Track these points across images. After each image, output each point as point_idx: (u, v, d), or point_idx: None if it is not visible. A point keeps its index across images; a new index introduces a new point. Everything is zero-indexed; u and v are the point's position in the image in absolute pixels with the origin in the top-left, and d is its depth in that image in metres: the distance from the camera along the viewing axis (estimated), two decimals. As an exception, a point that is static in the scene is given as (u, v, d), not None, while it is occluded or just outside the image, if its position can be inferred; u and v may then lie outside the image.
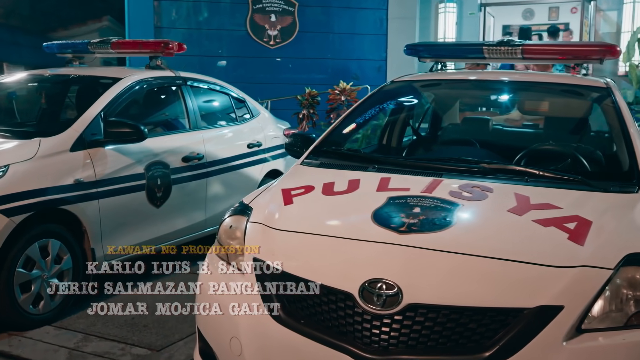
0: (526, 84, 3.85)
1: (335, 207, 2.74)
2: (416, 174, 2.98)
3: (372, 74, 11.23)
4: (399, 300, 2.16)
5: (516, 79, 3.99)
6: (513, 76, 4.12)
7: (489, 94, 4.20)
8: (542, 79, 3.89)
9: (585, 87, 3.61)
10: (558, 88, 3.72)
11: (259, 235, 2.64)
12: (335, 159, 3.33)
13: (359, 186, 2.86)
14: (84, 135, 4.32)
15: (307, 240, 2.52)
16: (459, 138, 4.00)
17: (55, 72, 5.33)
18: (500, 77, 4.06)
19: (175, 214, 5.06)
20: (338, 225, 2.57)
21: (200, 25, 10.97)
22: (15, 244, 3.79)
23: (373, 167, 3.10)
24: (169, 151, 4.97)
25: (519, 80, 3.93)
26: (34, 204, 3.89)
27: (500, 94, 4.14)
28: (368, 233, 2.43)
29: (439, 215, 2.50)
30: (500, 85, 3.97)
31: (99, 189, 4.32)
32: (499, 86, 3.98)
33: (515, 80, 3.95)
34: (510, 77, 4.00)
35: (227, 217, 2.91)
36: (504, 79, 3.98)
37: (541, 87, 3.79)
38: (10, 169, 3.84)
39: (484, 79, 4.04)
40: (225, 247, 2.77)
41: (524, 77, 4.04)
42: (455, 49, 4.44)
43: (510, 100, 4.18)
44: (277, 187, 3.02)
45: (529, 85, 3.84)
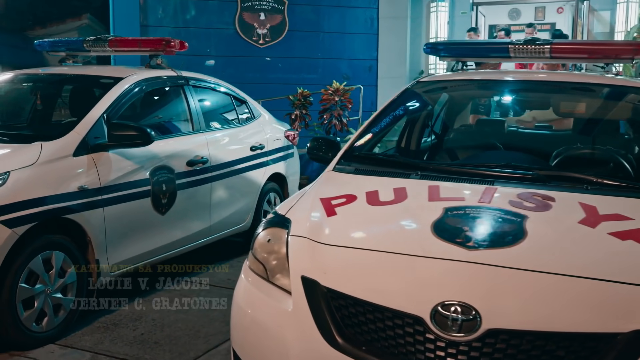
0: (565, 85, 3.65)
1: (387, 219, 2.51)
2: (465, 182, 2.78)
3: (363, 73, 11.05)
4: (478, 325, 1.95)
5: (553, 80, 3.80)
6: (549, 76, 3.94)
7: (523, 94, 4.00)
8: (582, 80, 3.71)
9: (629, 87, 3.43)
10: (602, 89, 3.54)
11: (304, 251, 2.40)
12: (370, 165, 3.10)
13: (407, 195, 2.63)
14: (87, 138, 4.04)
15: (363, 257, 2.29)
16: (484, 141, 3.80)
17: (50, 71, 5.04)
18: (535, 78, 3.87)
19: (180, 221, 4.80)
20: (395, 240, 2.34)
21: (187, 24, 10.67)
22: (17, 257, 3.51)
23: (416, 174, 2.87)
24: (173, 155, 4.71)
25: (557, 81, 3.74)
26: (37, 213, 3.60)
27: (535, 94, 3.94)
28: (432, 249, 2.21)
29: (506, 229, 2.30)
30: (536, 85, 3.77)
31: (103, 196, 4.05)
32: (535, 87, 3.79)
33: (553, 81, 3.76)
34: (546, 78, 3.81)
35: (263, 229, 2.67)
36: (541, 79, 3.80)
37: (582, 87, 3.60)
38: (11, 176, 3.55)
39: (518, 79, 3.84)
40: (264, 262, 2.52)
41: (560, 77, 3.85)
42: (478, 48, 4.23)
43: (545, 101, 3.99)
44: (314, 197, 2.78)
45: (567, 85, 3.65)
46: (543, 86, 3.77)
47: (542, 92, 3.83)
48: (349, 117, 10.14)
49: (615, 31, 10.31)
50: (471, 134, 3.95)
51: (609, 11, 10.44)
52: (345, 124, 10.01)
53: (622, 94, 3.49)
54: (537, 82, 3.79)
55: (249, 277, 2.58)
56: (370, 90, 10.83)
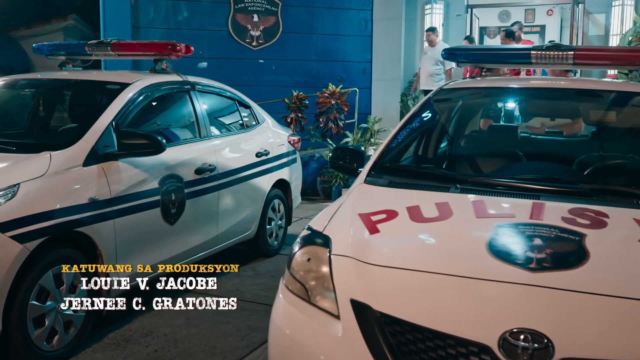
0: (596, 93, 3.56)
1: (436, 238, 2.40)
2: (508, 196, 2.66)
3: (357, 76, 10.93)
4: (550, 354, 1.84)
5: (584, 87, 3.71)
6: (577, 84, 3.84)
7: (552, 102, 3.90)
8: (614, 88, 3.61)
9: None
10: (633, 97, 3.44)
11: (350, 272, 2.28)
12: (404, 177, 2.98)
13: (452, 211, 2.52)
14: (96, 147, 3.88)
15: (416, 279, 2.17)
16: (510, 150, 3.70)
17: (53, 76, 4.84)
18: (564, 85, 3.77)
19: (189, 231, 4.66)
20: (450, 261, 2.22)
21: (180, 25, 10.47)
22: (28, 274, 3.34)
23: (455, 188, 2.76)
24: (182, 163, 4.56)
25: (588, 89, 3.65)
26: (49, 227, 3.43)
27: (564, 102, 3.84)
28: (491, 271, 2.09)
29: (567, 248, 2.19)
30: (566, 93, 3.67)
31: (114, 208, 3.89)
32: (565, 94, 3.69)
33: (583, 89, 3.66)
34: (575, 85, 3.72)
35: (300, 247, 2.53)
36: (570, 86, 3.70)
37: (614, 95, 3.51)
38: (21, 188, 3.38)
39: (546, 86, 3.75)
40: (304, 282, 2.39)
41: (590, 85, 3.76)
42: (498, 54, 4.13)
43: (575, 109, 3.89)
44: (351, 212, 2.66)
45: (598, 93, 3.55)
46: (572, 94, 3.68)
47: (572, 100, 3.74)
48: (345, 120, 10.03)
49: (610, 34, 10.30)
50: (493, 142, 3.84)
51: (604, 14, 10.42)
52: (342, 127, 9.89)
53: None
54: (566, 90, 3.69)
55: (287, 297, 2.45)
56: (365, 92, 10.72)
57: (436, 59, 9.89)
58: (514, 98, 3.97)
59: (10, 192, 3.33)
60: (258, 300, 4.74)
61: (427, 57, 10.15)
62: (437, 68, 10.01)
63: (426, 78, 10.11)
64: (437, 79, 9.97)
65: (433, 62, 9.99)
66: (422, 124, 3.57)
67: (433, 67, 10.01)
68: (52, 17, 15.24)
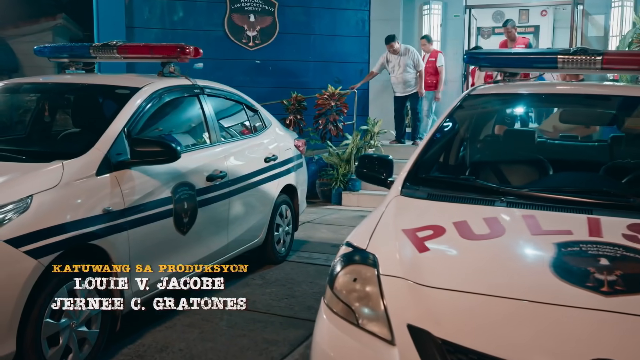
0: (633, 99, 3.45)
1: (492, 257, 2.26)
2: (559, 210, 2.54)
3: (355, 77, 10.78)
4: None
5: (618, 94, 3.60)
6: (610, 90, 3.73)
7: (586, 109, 3.78)
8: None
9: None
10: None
11: (404, 294, 2.14)
12: (443, 189, 2.84)
13: (504, 228, 2.39)
14: (109, 155, 3.71)
15: (480, 303, 2.03)
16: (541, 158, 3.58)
17: (57, 80, 4.66)
18: (596, 91, 3.65)
19: (200, 241, 4.51)
20: (513, 283, 2.09)
21: (175, 26, 10.29)
22: (43, 290, 3.17)
23: (501, 201, 2.63)
24: (194, 170, 4.41)
25: (623, 95, 3.53)
26: (63, 241, 3.26)
27: (598, 109, 3.73)
28: (561, 294, 1.97)
29: (637, 269, 2.07)
30: (600, 100, 3.55)
31: (127, 218, 3.73)
32: (599, 101, 3.56)
33: (618, 95, 3.55)
34: (609, 92, 3.60)
35: (344, 266, 2.38)
36: (604, 93, 3.58)
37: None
38: (35, 200, 3.21)
39: (583, 92, 3.63)
40: (350, 304, 2.25)
41: (624, 91, 3.64)
42: (522, 58, 4.00)
43: (609, 116, 3.78)
44: (394, 227, 2.52)
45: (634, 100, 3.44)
46: (607, 100, 3.56)
47: (606, 107, 3.63)
48: (344, 122, 9.90)
49: (610, 35, 10.24)
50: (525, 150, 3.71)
51: (603, 15, 10.36)
52: (341, 129, 9.77)
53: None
54: (600, 97, 3.57)
55: (331, 319, 2.30)
56: (362, 93, 10.59)
57: (408, 65, 9.65)
58: (547, 104, 3.85)
59: (23, 204, 3.16)
60: (271, 311, 4.60)
61: (398, 64, 9.74)
62: (411, 75, 9.73)
63: (402, 85, 9.78)
64: (412, 84, 9.74)
65: (405, 69, 9.67)
66: (452, 132, 3.44)
67: (406, 74, 9.71)
68: (40, 16, 15.00)
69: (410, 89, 9.76)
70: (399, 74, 9.70)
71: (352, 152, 9.33)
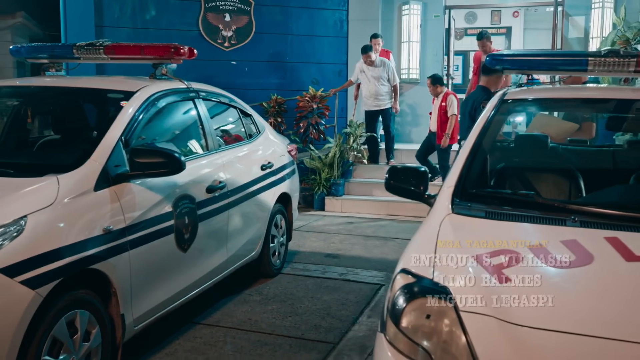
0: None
1: (591, 290, 1.98)
2: (634, 230, 2.27)
3: (333, 78, 10.49)
4: None
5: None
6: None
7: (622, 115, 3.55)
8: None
9: None
10: None
11: (495, 336, 1.84)
12: (500, 206, 2.55)
13: (590, 253, 2.11)
14: (107, 168, 3.33)
15: (594, 347, 1.74)
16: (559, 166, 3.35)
17: (39, 83, 4.22)
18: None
19: (201, 258, 4.17)
20: (624, 322, 1.80)
21: (147, 25, 9.82)
22: (40, 324, 2.78)
23: (572, 220, 2.35)
24: (194, 181, 4.05)
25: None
26: (63, 267, 2.87)
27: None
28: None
29: None
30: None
31: (128, 237, 3.35)
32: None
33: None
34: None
35: (409, 300, 2.06)
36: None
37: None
38: (29, 222, 2.81)
39: (622, 97, 3.38)
40: (425, 345, 1.94)
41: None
42: (549, 60, 3.74)
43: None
44: (459, 252, 2.21)
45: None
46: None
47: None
48: (326, 125, 9.60)
49: (590, 37, 10.15)
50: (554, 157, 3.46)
51: (584, 16, 10.27)
52: (323, 132, 9.46)
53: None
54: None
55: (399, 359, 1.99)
56: (340, 95, 10.29)
57: (382, 77, 9.12)
58: (587, 110, 3.61)
59: (17, 227, 2.76)
60: (277, 332, 4.26)
61: (372, 75, 9.16)
62: (384, 88, 9.18)
63: (374, 98, 9.20)
64: (386, 99, 9.21)
65: (380, 81, 9.12)
66: (491, 140, 3.16)
67: (381, 87, 9.16)
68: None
69: (382, 103, 9.20)
70: (372, 86, 9.14)
71: (335, 156, 9.03)
